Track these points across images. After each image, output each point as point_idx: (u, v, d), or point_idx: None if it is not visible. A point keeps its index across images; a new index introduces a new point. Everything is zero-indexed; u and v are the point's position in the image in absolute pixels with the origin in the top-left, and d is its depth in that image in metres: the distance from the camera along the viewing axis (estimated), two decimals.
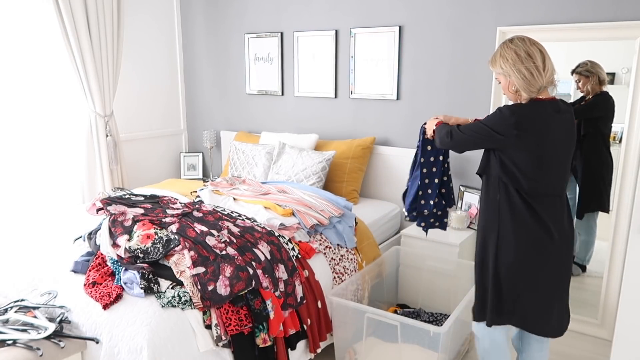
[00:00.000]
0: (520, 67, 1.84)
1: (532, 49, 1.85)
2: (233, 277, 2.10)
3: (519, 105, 1.87)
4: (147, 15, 4.22)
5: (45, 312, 2.06)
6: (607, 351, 2.75)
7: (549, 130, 1.84)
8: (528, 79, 1.84)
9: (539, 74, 1.83)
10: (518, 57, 1.85)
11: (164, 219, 2.45)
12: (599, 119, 2.86)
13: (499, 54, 1.91)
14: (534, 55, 1.84)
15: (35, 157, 3.56)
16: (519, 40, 1.88)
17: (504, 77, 1.91)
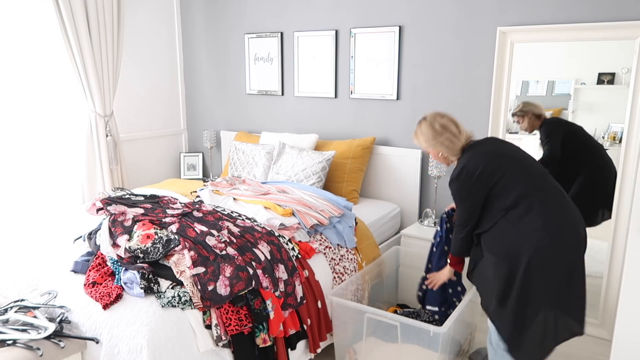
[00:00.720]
0: (440, 139, 2.18)
1: (444, 121, 2.20)
2: (233, 277, 2.10)
3: (458, 165, 2.14)
4: (147, 15, 4.22)
5: (45, 312, 2.06)
6: (607, 351, 2.75)
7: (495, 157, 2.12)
8: (450, 147, 2.19)
9: (457, 139, 2.18)
10: (435, 132, 2.19)
11: (164, 219, 2.45)
12: (559, 146, 3.01)
13: (419, 132, 2.26)
14: (447, 126, 2.19)
15: (35, 157, 3.56)
16: (431, 117, 2.22)
17: (432, 149, 2.26)
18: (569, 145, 2.97)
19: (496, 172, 2.05)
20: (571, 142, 2.98)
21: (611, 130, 2.92)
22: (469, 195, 2.10)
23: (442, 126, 2.18)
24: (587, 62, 2.92)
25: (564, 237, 1.99)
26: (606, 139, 2.95)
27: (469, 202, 2.11)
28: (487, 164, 2.07)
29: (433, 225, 3.24)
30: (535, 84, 3.11)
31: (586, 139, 2.94)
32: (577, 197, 2.77)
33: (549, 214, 1.99)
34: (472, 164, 2.08)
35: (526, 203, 2.01)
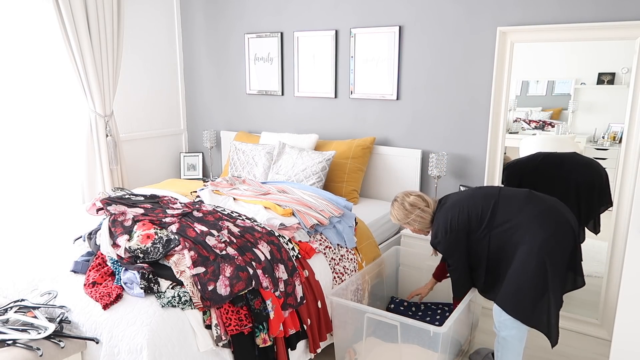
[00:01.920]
0: (411, 216, 2.43)
1: (412, 200, 2.43)
2: (233, 277, 2.10)
3: (436, 229, 2.38)
4: (147, 15, 4.22)
5: (45, 312, 2.06)
6: (607, 351, 2.75)
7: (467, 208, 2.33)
8: (421, 221, 2.44)
9: (426, 213, 2.43)
10: (406, 211, 2.43)
11: (164, 219, 2.45)
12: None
13: (393, 213, 2.49)
14: (415, 204, 2.42)
15: (35, 157, 3.56)
16: (401, 197, 2.47)
17: (407, 225, 2.49)
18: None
19: (471, 213, 2.28)
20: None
21: (611, 130, 2.92)
22: (455, 248, 2.32)
23: (411, 205, 2.42)
24: (587, 62, 2.92)
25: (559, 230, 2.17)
26: (606, 139, 2.95)
27: (457, 254, 2.33)
28: (454, 213, 2.31)
29: None
30: (535, 84, 3.11)
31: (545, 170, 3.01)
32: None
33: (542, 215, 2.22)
34: (441, 221, 2.34)
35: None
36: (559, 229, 2.14)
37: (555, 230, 2.13)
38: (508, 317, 2.20)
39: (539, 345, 2.83)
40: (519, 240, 2.16)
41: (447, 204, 2.37)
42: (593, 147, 3.01)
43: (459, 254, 2.33)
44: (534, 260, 2.10)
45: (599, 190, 2.90)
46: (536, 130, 3.15)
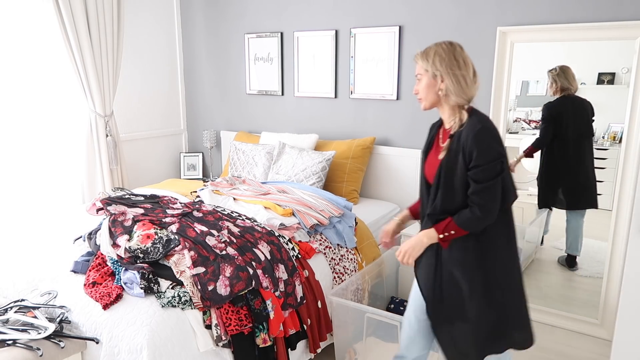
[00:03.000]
0: (457, 72, 1.81)
1: (468, 59, 1.85)
2: (233, 277, 2.10)
3: (484, 121, 1.82)
4: (147, 15, 4.22)
5: (45, 312, 2.06)
6: (607, 351, 2.75)
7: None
8: (462, 86, 1.83)
9: (472, 84, 1.85)
10: (456, 62, 1.82)
11: (164, 219, 2.45)
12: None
13: (436, 52, 1.83)
14: (469, 65, 1.84)
15: (35, 157, 3.56)
16: (458, 46, 1.85)
17: (433, 77, 1.84)
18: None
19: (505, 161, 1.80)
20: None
21: (611, 130, 2.92)
22: (503, 166, 1.78)
23: (465, 61, 1.84)
24: (587, 62, 2.92)
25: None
26: (606, 139, 2.95)
27: (501, 176, 1.77)
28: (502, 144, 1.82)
29: None
30: (535, 84, 3.11)
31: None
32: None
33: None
34: (496, 131, 1.81)
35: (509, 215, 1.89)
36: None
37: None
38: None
39: (539, 345, 2.83)
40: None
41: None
42: (593, 147, 3.01)
43: (505, 174, 1.80)
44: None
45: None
46: (536, 130, 3.15)
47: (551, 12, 2.86)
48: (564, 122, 2.99)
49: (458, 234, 1.81)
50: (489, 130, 1.78)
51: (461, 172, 1.78)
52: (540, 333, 2.97)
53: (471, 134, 1.76)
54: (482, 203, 1.74)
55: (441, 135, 1.95)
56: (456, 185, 1.80)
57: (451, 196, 1.82)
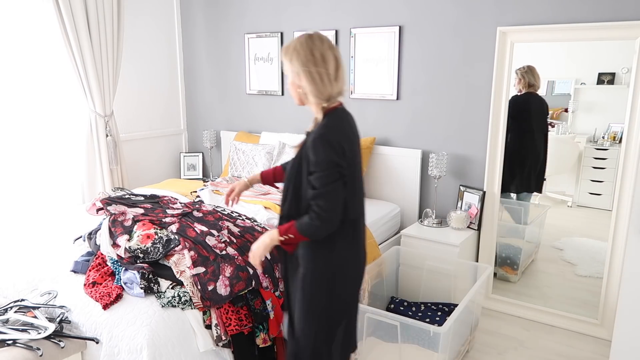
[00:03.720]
0: (312, 68, 1.68)
1: (328, 54, 1.70)
2: (233, 277, 2.10)
3: (326, 127, 1.69)
4: (147, 15, 4.22)
5: (45, 312, 2.06)
6: (607, 351, 2.75)
7: (355, 142, 1.76)
8: (317, 85, 1.69)
9: (329, 82, 1.70)
10: (312, 58, 1.69)
11: (164, 219, 2.45)
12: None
13: (294, 49, 1.71)
14: (328, 61, 1.70)
15: (35, 157, 3.56)
16: (319, 40, 1.71)
17: (294, 74, 1.73)
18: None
19: (351, 163, 1.73)
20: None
21: (611, 130, 2.92)
22: (338, 174, 1.68)
23: (323, 57, 1.69)
24: (587, 62, 2.92)
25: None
26: (606, 139, 2.95)
27: (338, 183, 1.68)
28: (351, 145, 1.73)
29: (433, 226, 3.24)
30: None
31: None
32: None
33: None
34: (337, 135, 1.69)
35: (355, 225, 1.81)
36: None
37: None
38: None
39: (539, 345, 2.83)
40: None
41: (354, 130, 1.80)
42: (593, 147, 3.01)
43: (338, 181, 1.70)
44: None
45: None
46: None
47: (551, 12, 2.86)
48: (527, 116, 3.16)
49: (297, 239, 1.72)
50: (329, 136, 1.67)
51: (306, 177, 1.71)
52: (540, 333, 2.97)
53: (312, 139, 1.68)
54: (318, 210, 1.66)
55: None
56: (302, 190, 1.73)
57: (297, 201, 1.76)
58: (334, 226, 1.70)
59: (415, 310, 2.91)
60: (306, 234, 1.70)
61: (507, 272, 3.31)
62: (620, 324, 2.05)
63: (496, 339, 2.90)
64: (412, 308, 2.94)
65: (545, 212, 3.20)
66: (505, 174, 3.15)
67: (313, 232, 1.69)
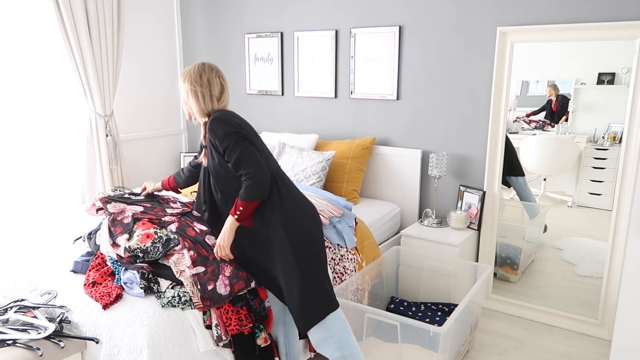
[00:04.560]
0: (197, 88, 2.09)
1: (214, 79, 2.12)
2: (233, 276, 2.10)
3: (221, 115, 2.08)
4: (147, 15, 4.22)
5: (45, 312, 2.06)
6: (607, 351, 2.75)
7: (245, 120, 2.19)
8: (200, 101, 2.10)
9: (210, 101, 2.11)
10: (200, 80, 2.09)
11: (163, 217, 2.44)
12: None
13: (188, 72, 2.12)
14: (212, 84, 2.11)
15: (35, 157, 3.56)
16: (208, 68, 2.13)
17: (185, 92, 2.14)
18: None
19: (252, 133, 2.13)
20: None
21: (611, 130, 2.92)
22: (244, 136, 2.07)
23: (208, 81, 2.12)
24: (587, 62, 2.92)
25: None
26: (606, 139, 2.95)
27: (246, 143, 2.06)
28: (241, 121, 2.14)
29: (433, 226, 3.24)
30: (535, 84, 3.11)
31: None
32: None
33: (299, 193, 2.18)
34: (228, 117, 2.09)
35: (281, 177, 2.16)
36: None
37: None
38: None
39: (539, 345, 2.83)
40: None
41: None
42: (593, 147, 3.01)
43: (250, 148, 2.11)
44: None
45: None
46: (536, 130, 3.15)
47: (551, 12, 2.86)
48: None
49: (247, 208, 2.02)
50: (217, 118, 2.03)
51: (225, 166, 2.05)
52: (540, 333, 2.97)
53: (208, 129, 2.05)
54: (246, 172, 1.98)
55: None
56: (228, 179, 2.07)
57: (228, 190, 2.10)
58: (267, 178, 2.01)
59: (415, 310, 2.91)
60: (250, 198, 1.99)
61: (507, 272, 3.31)
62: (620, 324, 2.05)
63: (496, 339, 2.90)
64: (412, 308, 2.94)
65: (545, 212, 3.20)
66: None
67: (253, 192, 1.99)
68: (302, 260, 2.02)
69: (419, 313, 2.88)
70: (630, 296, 2.01)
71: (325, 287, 2.07)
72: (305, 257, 2.03)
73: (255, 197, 2.00)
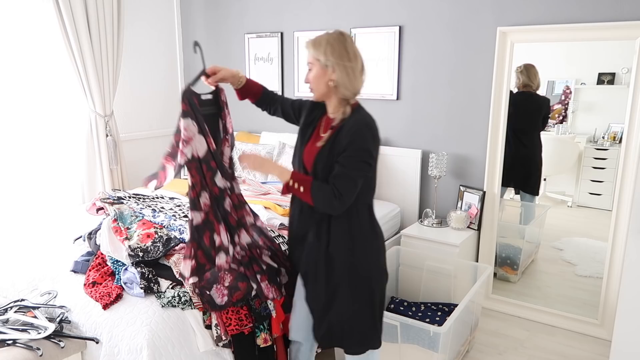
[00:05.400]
0: (347, 64, 1.78)
1: (357, 51, 1.83)
2: (232, 286, 2.01)
3: (368, 117, 1.87)
4: (147, 15, 4.22)
5: (45, 312, 2.06)
6: (607, 351, 2.75)
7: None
8: (350, 79, 1.80)
9: (359, 77, 1.83)
10: (346, 54, 1.78)
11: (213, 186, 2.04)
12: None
13: (327, 42, 1.78)
14: (358, 58, 1.82)
15: (35, 157, 3.56)
16: (348, 37, 1.82)
17: (323, 67, 1.79)
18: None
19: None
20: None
21: (611, 130, 2.93)
22: (368, 171, 1.86)
23: (355, 54, 1.81)
24: (587, 62, 2.92)
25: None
26: (606, 139, 2.95)
27: (362, 177, 1.84)
28: (378, 139, 1.96)
29: (433, 226, 3.24)
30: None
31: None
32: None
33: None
34: (377, 133, 1.89)
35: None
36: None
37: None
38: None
39: (539, 345, 2.83)
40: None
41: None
42: (593, 147, 3.01)
43: (362, 179, 1.87)
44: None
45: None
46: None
47: (551, 12, 2.86)
48: (519, 115, 3.12)
49: (304, 195, 1.80)
50: (373, 129, 1.84)
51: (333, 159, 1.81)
52: (540, 333, 2.97)
53: (354, 128, 1.79)
54: (339, 189, 1.76)
55: (323, 124, 1.93)
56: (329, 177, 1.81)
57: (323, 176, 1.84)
58: (338, 211, 1.79)
59: (415, 310, 2.91)
60: (316, 198, 1.77)
61: (507, 272, 3.31)
62: (620, 324, 2.05)
63: (496, 339, 2.90)
64: (412, 308, 2.94)
65: (545, 212, 3.21)
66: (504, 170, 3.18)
67: (323, 201, 1.77)
68: (366, 295, 1.92)
69: (419, 313, 2.88)
70: (630, 296, 2.01)
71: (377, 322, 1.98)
72: (360, 288, 1.91)
73: (318, 204, 1.79)
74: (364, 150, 1.79)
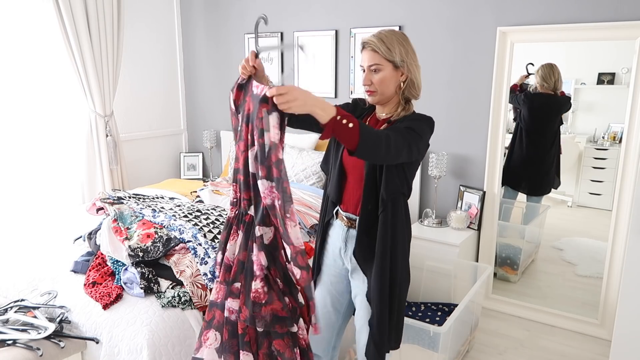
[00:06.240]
0: (417, 63, 1.71)
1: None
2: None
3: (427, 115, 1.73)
4: (147, 15, 4.22)
5: (45, 312, 2.06)
6: (607, 351, 2.75)
7: None
8: (420, 77, 1.72)
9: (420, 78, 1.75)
10: (414, 53, 1.71)
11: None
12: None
13: (398, 42, 1.66)
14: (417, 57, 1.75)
15: (35, 157, 3.56)
16: (407, 37, 1.73)
17: (395, 68, 1.67)
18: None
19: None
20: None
21: (611, 130, 2.93)
22: (424, 141, 1.68)
23: (415, 54, 1.73)
24: (587, 62, 2.92)
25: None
26: (606, 139, 2.95)
27: (420, 145, 1.65)
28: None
29: (433, 226, 3.24)
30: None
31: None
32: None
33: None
34: (433, 127, 1.74)
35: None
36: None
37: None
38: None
39: (539, 345, 2.83)
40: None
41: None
42: (593, 147, 3.01)
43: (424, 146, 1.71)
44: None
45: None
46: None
47: (551, 12, 2.85)
48: (533, 116, 3.13)
49: (351, 132, 1.43)
50: (430, 122, 1.70)
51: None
52: (540, 333, 2.97)
53: (415, 116, 1.69)
54: (390, 136, 1.53)
55: (370, 124, 1.78)
56: (392, 170, 1.69)
57: (397, 190, 1.81)
58: (383, 157, 1.54)
59: (415, 310, 2.91)
60: (364, 136, 1.45)
61: (507, 272, 3.31)
62: (620, 324, 2.05)
63: (496, 339, 2.90)
64: (412, 308, 2.94)
65: (545, 212, 3.20)
66: (513, 173, 3.17)
67: (373, 144, 1.48)
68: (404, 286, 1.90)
69: (419, 313, 2.88)
70: (630, 296, 2.01)
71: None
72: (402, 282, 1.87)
73: (364, 145, 1.46)
74: (421, 128, 1.63)
